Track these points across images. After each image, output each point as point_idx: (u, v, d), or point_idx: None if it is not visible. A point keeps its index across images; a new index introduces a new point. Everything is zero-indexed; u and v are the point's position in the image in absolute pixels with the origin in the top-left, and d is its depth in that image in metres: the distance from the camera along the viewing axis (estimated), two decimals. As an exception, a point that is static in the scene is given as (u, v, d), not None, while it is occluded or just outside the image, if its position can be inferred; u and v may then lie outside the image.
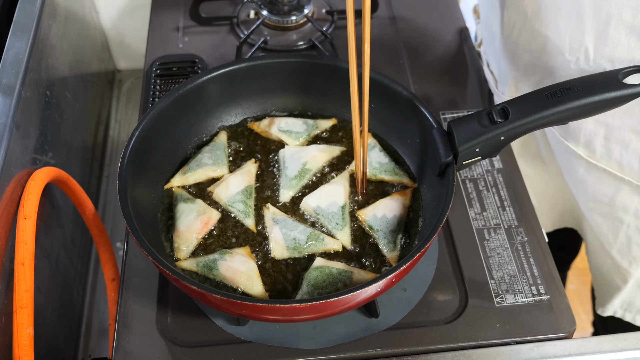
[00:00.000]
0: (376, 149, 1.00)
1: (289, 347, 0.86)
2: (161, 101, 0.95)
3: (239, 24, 1.31)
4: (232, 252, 0.89)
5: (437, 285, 0.93)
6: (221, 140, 1.02)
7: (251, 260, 0.88)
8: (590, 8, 0.87)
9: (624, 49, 0.86)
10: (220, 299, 0.76)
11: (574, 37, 0.91)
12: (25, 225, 0.85)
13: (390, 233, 0.91)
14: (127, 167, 0.88)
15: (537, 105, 0.82)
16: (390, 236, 0.91)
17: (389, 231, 0.91)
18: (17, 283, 0.82)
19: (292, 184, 0.97)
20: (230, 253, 0.89)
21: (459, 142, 0.84)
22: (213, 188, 0.97)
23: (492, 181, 1.05)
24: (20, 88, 0.95)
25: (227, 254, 0.88)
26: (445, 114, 1.14)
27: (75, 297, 1.14)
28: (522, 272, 0.94)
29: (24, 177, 0.91)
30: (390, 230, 0.91)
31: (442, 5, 1.36)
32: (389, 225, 0.92)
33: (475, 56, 1.26)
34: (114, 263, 1.05)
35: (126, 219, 0.83)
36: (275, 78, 1.03)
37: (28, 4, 1.08)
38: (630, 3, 0.83)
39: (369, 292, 0.78)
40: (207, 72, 0.99)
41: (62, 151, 1.13)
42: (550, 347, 0.86)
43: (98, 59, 1.47)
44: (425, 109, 0.93)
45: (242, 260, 0.88)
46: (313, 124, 1.05)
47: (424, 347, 0.86)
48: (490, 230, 0.99)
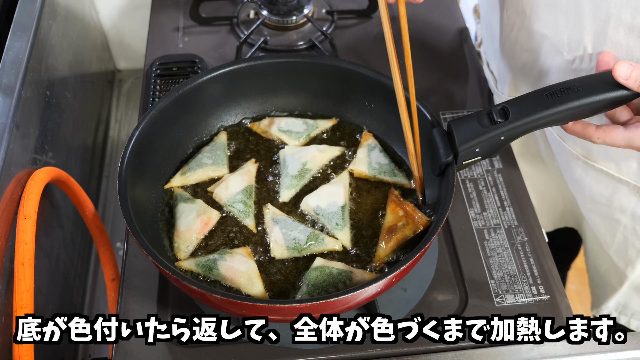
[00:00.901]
0: (376, 150, 1.00)
1: (289, 347, 0.86)
2: (161, 101, 0.95)
3: (239, 24, 1.31)
4: (232, 252, 0.89)
5: (437, 285, 0.93)
6: (221, 140, 1.02)
7: (251, 260, 0.88)
8: (589, 8, 0.87)
9: (622, 49, 0.86)
10: (220, 299, 0.76)
11: (573, 37, 0.91)
12: (25, 225, 0.85)
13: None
14: (127, 167, 0.88)
15: (537, 105, 0.82)
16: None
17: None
18: (17, 283, 0.82)
19: (292, 184, 0.97)
20: (230, 253, 0.89)
21: (459, 142, 0.84)
22: (213, 188, 0.97)
23: (492, 181, 1.05)
24: (20, 88, 0.95)
25: (227, 254, 0.88)
26: (445, 114, 1.14)
27: (75, 297, 1.13)
28: (522, 272, 0.94)
29: (24, 177, 0.91)
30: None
31: (442, 5, 1.36)
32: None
33: (475, 56, 1.26)
34: (114, 263, 1.05)
35: (126, 219, 0.83)
36: (275, 78, 1.03)
37: (28, 4, 1.08)
38: (629, 3, 0.83)
39: (369, 292, 0.78)
40: (207, 72, 0.99)
41: (62, 151, 1.13)
42: (550, 347, 0.86)
43: (98, 59, 1.47)
44: (425, 109, 0.93)
45: (242, 260, 0.88)
46: (313, 124, 1.05)
47: (424, 347, 0.86)
48: (490, 230, 0.99)
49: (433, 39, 1.29)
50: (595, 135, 0.84)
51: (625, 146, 0.83)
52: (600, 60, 0.85)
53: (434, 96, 1.18)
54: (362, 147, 1.01)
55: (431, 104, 1.16)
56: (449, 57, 1.26)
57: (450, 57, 1.26)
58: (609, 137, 0.83)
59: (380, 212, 0.95)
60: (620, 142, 0.83)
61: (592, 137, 0.84)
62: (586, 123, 0.85)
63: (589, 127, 0.84)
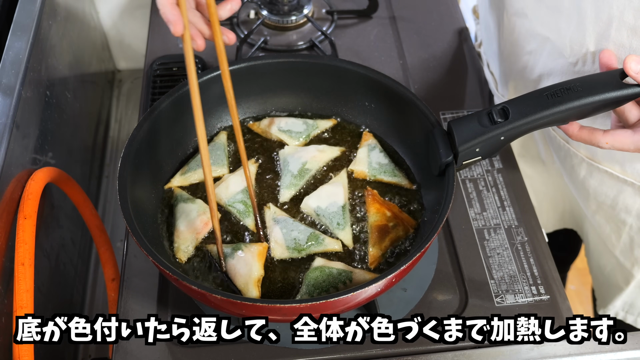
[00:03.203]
0: (376, 150, 1.00)
1: (289, 347, 0.86)
2: (161, 101, 0.95)
3: (239, 24, 1.31)
4: (244, 249, 0.88)
5: (437, 285, 0.93)
6: (221, 140, 1.02)
7: (256, 263, 0.88)
8: (591, 9, 0.87)
9: (625, 51, 0.86)
10: (220, 299, 0.76)
11: (575, 39, 0.91)
12: (25, 225, 0.85)
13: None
14: (127, 167, 0.88)
15: (537, 105, 0.82)
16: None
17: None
18: (17, 283, 0.82)
19: (292, 184, 0.97)
20: (242, 249, 0.88)
21: (459, 142, 0.84)
22: (213, 188, 0.97)
23: (492, 181, 1.05)
24: (20, 88, 0.95)
25: (238, 250, 0.88)
26: (445, 114, 1.14)
27: (75, 297, 1.14)
28: (522, 272, 0.94)
29: (24, 177, 0.91)
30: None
31: (442, 5, 1.36)
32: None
33: (475, 56, 1.26)
34: (114, 263, 1.05)
35: (126, 219, 0.83)
36: (275, 78, 1.03)
37: (28, 4, 1.08)
38: (632, 4, 0.83)
39: (369, 292, 0.78)
40: (207, 72, 0.99)
41: (62, 151, 1.13)
42: (550, 347, 0.86)
43: (98, 59, 1.47)
44: (425, 109, 0.93)
45: (249, 261, 0.87)
46: (313, 124, 1.05)
47: (424, 347, 0.86)
48: (490, 230, 0.99)
49: (433, 39, 1.29)
50: (604, 141, 0.83)
51: (634, 150, 0.82)
52: (602, 59, 0.85)
53: (434, 96, 1.18)
54: (362, 147, 1.01)
55: (431, 104, 1.16)
56: (449, 57, 1.26)
57: (450, 57, 1.26)
58: (617, 142, 0.82)
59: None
60: (630, 146, 0.82)
61: (600, 142, 0.83)
62: (592, 129, 0.84)
63: (595, 133, 0.84)
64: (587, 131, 0.84)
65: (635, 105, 0.83)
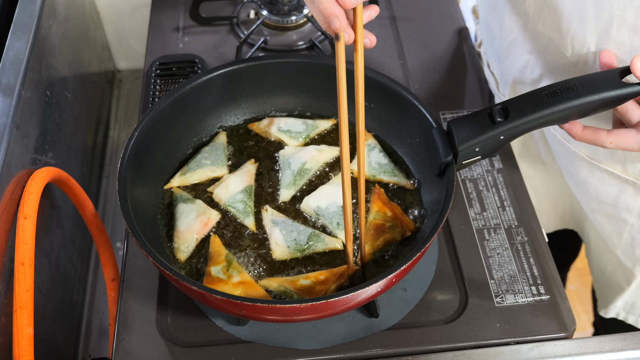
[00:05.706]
0: (376, 150, 1.00)
1: (289, 347, 0.86)
2: (161, 101, 0.95)
3: (239, 24, 1.31)
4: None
5: (437, 285, 0.93)
6: (221, 140, 1.02)
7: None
8: (592, 9, 0.87)
9: (626, 50, 0.86)
10: (221, 299, 0.76)
11: (576, 38, 0.91)
12: (25, 225, 0.85)
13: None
14: (127, 167, 0.88)
15: (537, 105, 0.82)
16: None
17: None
18: (17, 283, 0.82)
19: (292, 184, 0.97)
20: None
21: (458, 141, 0.84)
22: (213, 188, 0.97)
23: (492, 181, 1.05)
24: (20, 88, 0.95)
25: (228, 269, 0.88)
26: (445, 114, 1.14)
27: (75, 297, 1.14)
28: (522, 272, 0.94)
29: (24, 177, 0.91)
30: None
31: (442, 5, 1.36)
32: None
33: (475, 56, 1.26)
34: (114, 263, 1.05)
35: (126, 219, 0.83)
36: (275, 78, 1.03)
37: (28, 4, 1.08)
38: (633, 3, 0.83)
39: (369, 292, 0.78)
40: (207, 72, 0.99)
41: (62, 151, 1.13)
42: (550, 347, 0.86)
43: (98, 59, 1.47)
44: (425, 109, 0.93)
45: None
46: (312, 124, 1.05)
47: (424, 347, 0.86)
48: (490, 230, 0.99)
49: (433, 39, 1.29)
50: (608, 140, 0.83)
51: (639, 150, 0.82)
52: (602, 59, 0.85)
53: (433, 96, 1.18)
54: (362, 147, 1.01)
55: (431, 104, 1.16)
56: (449, 57, 1.26)
57: (450, 57, 1.26)
58: (622, 142, 0.82)
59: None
60: (635, 146, 0.82)
61: (604, 142, 0.83)
62: (596, 129, 0.84)
63: (599, 133, 0.84)
64: (590, 131, 0.84)
65: (637, 105, 0.83)
